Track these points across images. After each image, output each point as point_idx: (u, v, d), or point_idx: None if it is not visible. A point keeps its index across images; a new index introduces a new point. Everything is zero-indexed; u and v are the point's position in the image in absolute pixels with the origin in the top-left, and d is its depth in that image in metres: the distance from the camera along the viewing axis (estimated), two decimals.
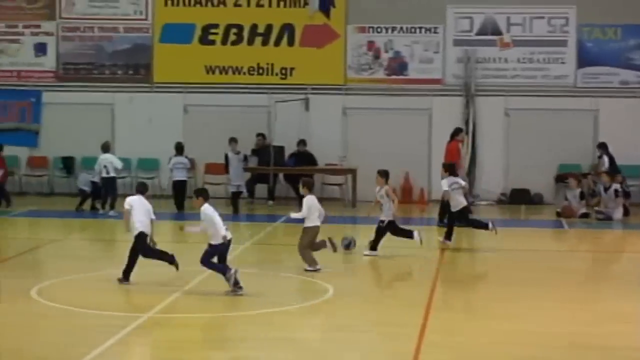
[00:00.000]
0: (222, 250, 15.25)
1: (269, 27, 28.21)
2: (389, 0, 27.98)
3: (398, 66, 28.28)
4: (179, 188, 25.44)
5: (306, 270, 17.10)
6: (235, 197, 25.53)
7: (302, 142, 27.42)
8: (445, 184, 19.92)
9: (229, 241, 15.23)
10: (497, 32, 27.92)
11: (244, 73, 28.34)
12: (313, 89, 28.17)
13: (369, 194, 26.61)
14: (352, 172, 26.93)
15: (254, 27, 28.24)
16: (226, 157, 25.86)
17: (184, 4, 28.30)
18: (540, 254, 19.93)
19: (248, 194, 27.04)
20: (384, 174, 18.92)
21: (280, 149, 26.95)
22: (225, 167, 26.01)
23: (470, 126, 27.47)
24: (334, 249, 17.76)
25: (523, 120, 27.56)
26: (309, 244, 17.35)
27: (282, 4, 28.18)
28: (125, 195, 17.04)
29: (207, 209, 15.27)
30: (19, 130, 28.56)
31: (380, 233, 18.83)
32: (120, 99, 28.35)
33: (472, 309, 15.05)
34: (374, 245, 18.82)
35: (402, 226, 19.23)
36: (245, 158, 26.30)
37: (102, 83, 28.52)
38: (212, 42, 28.33)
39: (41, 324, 13.32)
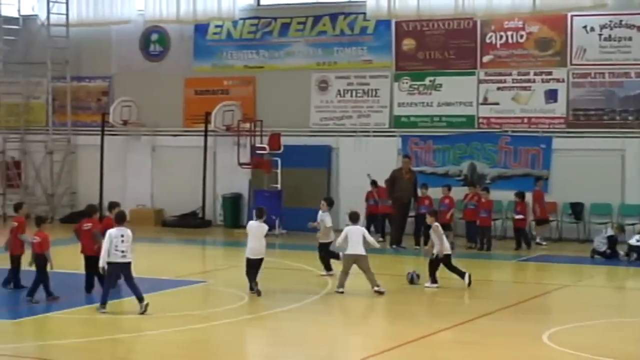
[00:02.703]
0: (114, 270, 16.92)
1: None
2: None
3: None
4: None
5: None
6: None
7: None
8: (328, 220, 20.86)
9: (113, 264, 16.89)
10: None
11: None
12: None
13: None
14: None
15: None
16: None
17: None
18: None
19: None
20: (433, 213, 20.69)
21: None
22: None
23: None
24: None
25: None
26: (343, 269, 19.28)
27: None
28: None
29: (109, 232, 16.98)
30: (529, 176, 28.94)
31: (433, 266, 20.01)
32: (631, 145, 27.89)
33: None
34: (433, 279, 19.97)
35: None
36: None
37: (612, 129, 28.24)
38: None
39: None
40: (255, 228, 18.95)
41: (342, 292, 19.07)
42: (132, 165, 33.22)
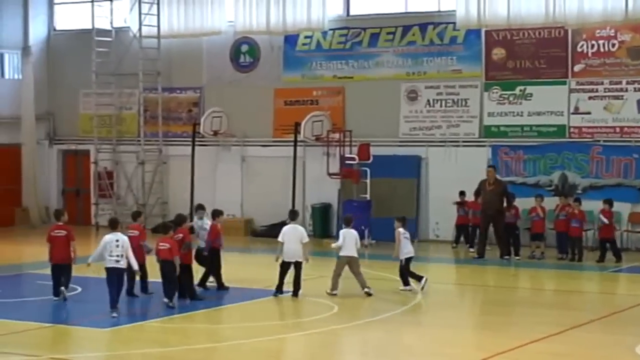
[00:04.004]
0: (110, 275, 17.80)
1: None
2: None
3: None
4: None
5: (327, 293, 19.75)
6: None
7: None
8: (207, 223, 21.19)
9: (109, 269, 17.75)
10: None
11: None
12: None
13: None
14: None
15: None
16: None
17: None
18: None
19: None
20: (400, 219, 20.77)
21: None
22: None
23: None
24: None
25: None
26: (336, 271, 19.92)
27: None
28: None
29: (104, 238, 17.91)
30: (621, 185, 28.56)
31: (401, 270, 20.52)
32: None
33: None
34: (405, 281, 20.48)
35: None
36: None
37: None
38: None
39: None
40: (290, 230, 20.05)
41: (335, 295, 19.73)
42: (222, 176, 33.52)
